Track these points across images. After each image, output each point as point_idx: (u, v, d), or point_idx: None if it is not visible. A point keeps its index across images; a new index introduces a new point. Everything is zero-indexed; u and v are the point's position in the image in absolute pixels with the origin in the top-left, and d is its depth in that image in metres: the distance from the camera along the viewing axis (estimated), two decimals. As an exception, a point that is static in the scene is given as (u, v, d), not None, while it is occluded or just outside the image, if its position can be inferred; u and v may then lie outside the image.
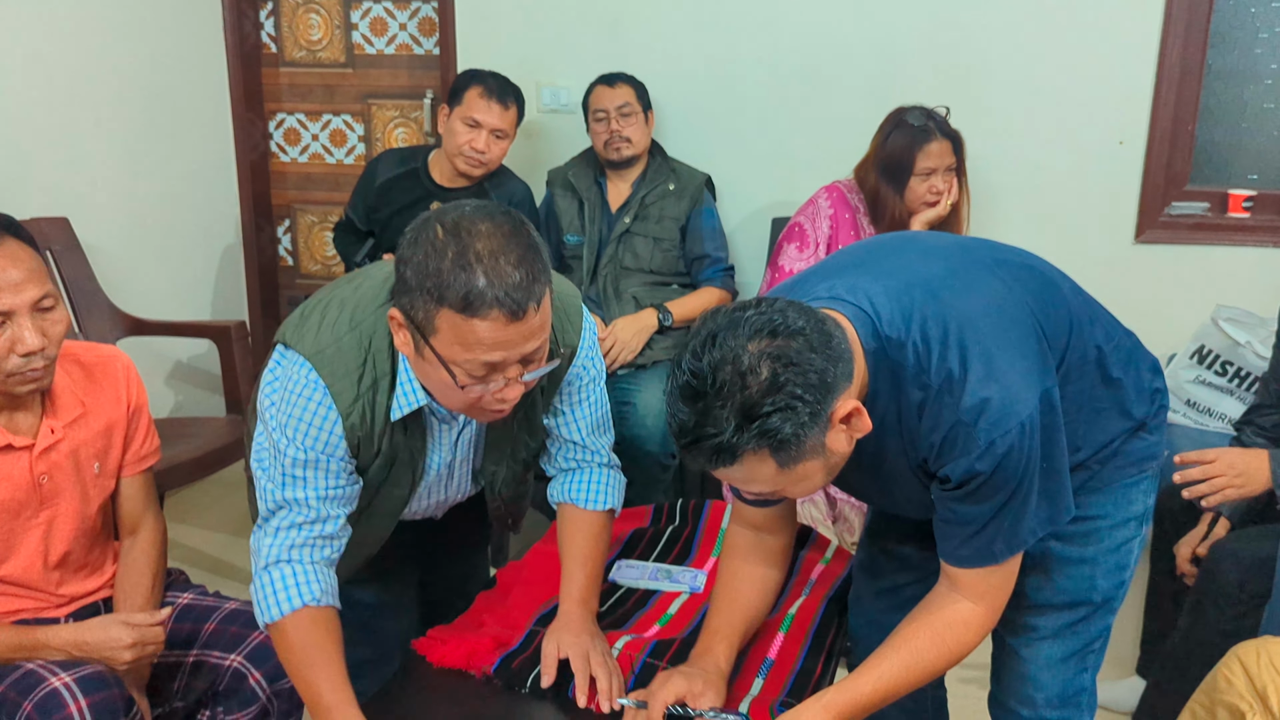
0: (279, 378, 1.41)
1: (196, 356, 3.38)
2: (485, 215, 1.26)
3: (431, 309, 1.23)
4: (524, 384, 1.32)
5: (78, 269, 2.77)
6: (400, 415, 1.41)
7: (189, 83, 3.30)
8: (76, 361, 1.67)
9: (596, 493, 1.63)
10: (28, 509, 1.59)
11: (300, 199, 3.65)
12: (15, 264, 1.47)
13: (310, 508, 1.42)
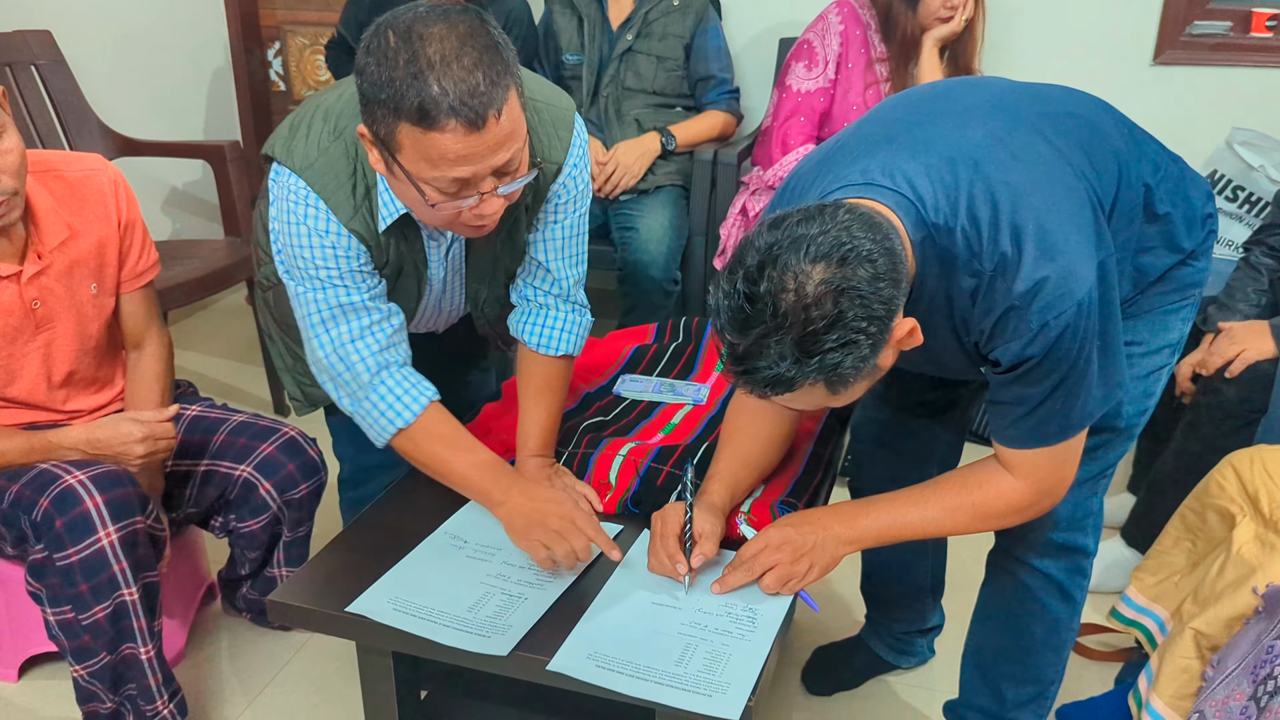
0: (277, 198, 1.37)
1: (191, 182, 3.32)
2: (440, 16, 1.17)
3: (391, 123, 1.17)
4: (501, 197, 1.26)
5: (64, 84, 2.68)
6: (386, 225, 1.38)
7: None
8: (60, 178, 1.61)
9: (554, 337, 1.56)
10: (24, 334, 1.58)
11: (290, 20, 3.51)
12: None
13: (367, 308, 1.40)
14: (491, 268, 1.56)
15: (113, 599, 1.49)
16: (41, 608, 1.52)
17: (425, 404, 1.42)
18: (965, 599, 1.65)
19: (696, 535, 1.31)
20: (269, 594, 1.84)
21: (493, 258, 1.54)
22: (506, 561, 1.36)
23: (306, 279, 1.39)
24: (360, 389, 1.41)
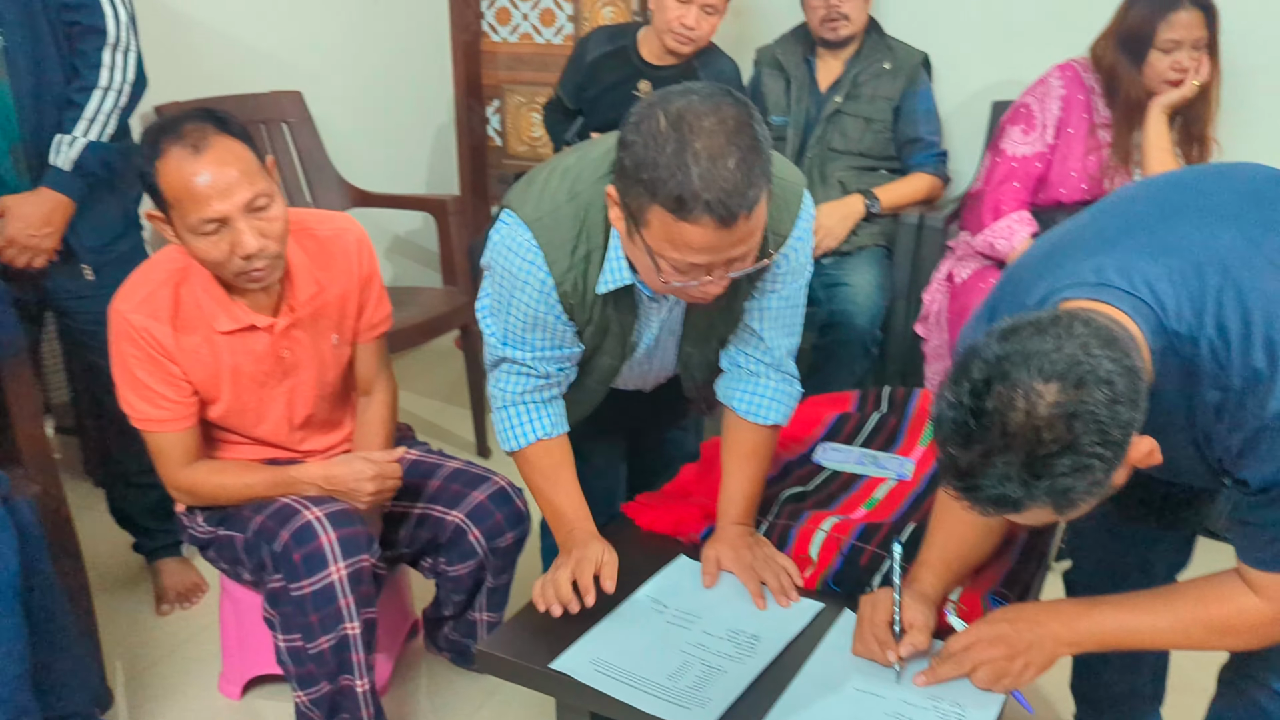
0: (501, 239, 1.45)
1: (413, 230, 3.54)
2: (713, 108, 1.20)
3: (644, 201, 1.22)
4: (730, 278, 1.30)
5: (310, 141, 2.92)
6: (606, 290, 1.43)
7: (408, -39, 3.38)
8: (312, 236, 1.73)
9: (763, 405, 1.56)
10: (272, 379, 1.72)
11: (510, 79, 3.70)
12: (226, 164, 1.49)
13: (530, 366, 1.49)
14: (707, 332, 1.59)
15: (337, 632, 1.59)
16: (274, 633, 1.64)
17: (528, 442, 1.52)
18: (1188, 706, 1.54)
19: (906, 625, 1.28)
20: (469, 637, 1.94)
21: (709, 322, 1.57)
22: (706, 631, 1.37)
23: (497, 323, 1.48)
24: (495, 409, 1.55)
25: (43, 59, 1.91)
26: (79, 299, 2.08)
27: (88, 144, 1.95)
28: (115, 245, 2.10)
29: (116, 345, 1.61)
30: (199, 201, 1.46)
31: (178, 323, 1.60)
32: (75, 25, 1.94)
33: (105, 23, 1.95)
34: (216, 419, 1.72)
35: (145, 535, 2.31)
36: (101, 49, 1.96)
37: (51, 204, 1.94)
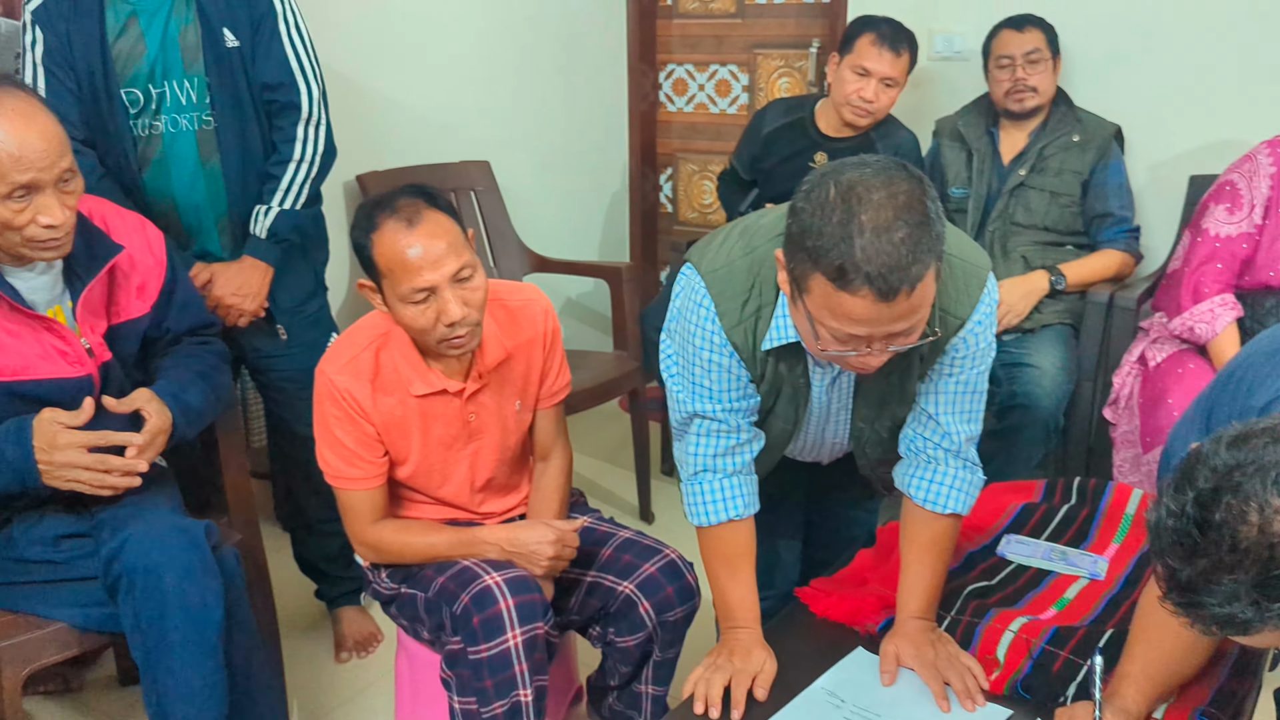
0: (680, 291, 1.51)
1: (584, 293, 3.63)
2: (884, 181, 1.21)
3: (807, 268, 1.23)
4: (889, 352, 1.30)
5: (495, 208, 3.05)
6: (770, 347, 1.45)
7: (593, 36, 3.50)
8: (503, 306, 1.79)
9: (943, 493, 1.52)
10: (458, 442, 1.78)
11: (683, 148, 3.77)
12: (437, 237, 1.56)
13: (719, 419, 1.52)
14: (878, 409, 1.57)
15: (511, 698, 1.61)
16: (449, 694, 1.68)
17: (716, 520, 1.54)
18: None
19: (1108, 743, 1.21)
20: (634, 709, 1.93)
21: (880, 399, 1.55)
22: (886, 729, 1.32)
23: (682, 378, 1.52)
24: (685, 478, 1.57)
25: (247, 138, 2.07)
26: (271, 358, 2.22)
27: (281, 211, 2.09)
28: (305, 306, 2.24)
29: (320, 405, 1.71)
30: (411, 272, 1.54)
31: (377, 384, 1.69)
32: (274, 103, 2.09)
33: (300, 99, 2.09)
34: (404, 479, 1.79)
35: (326, 582, 2.42)
36: (296, 124, 2.10)
37: (252, 270, 2.08)
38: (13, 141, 1.49)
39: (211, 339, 1.92)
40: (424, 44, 2.96)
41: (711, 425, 1.52)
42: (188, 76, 1.99)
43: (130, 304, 1.77)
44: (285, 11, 2.06)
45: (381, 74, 2.85)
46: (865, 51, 2.61)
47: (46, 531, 1.64)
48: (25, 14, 1.95)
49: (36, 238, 1.55)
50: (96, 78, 1.94)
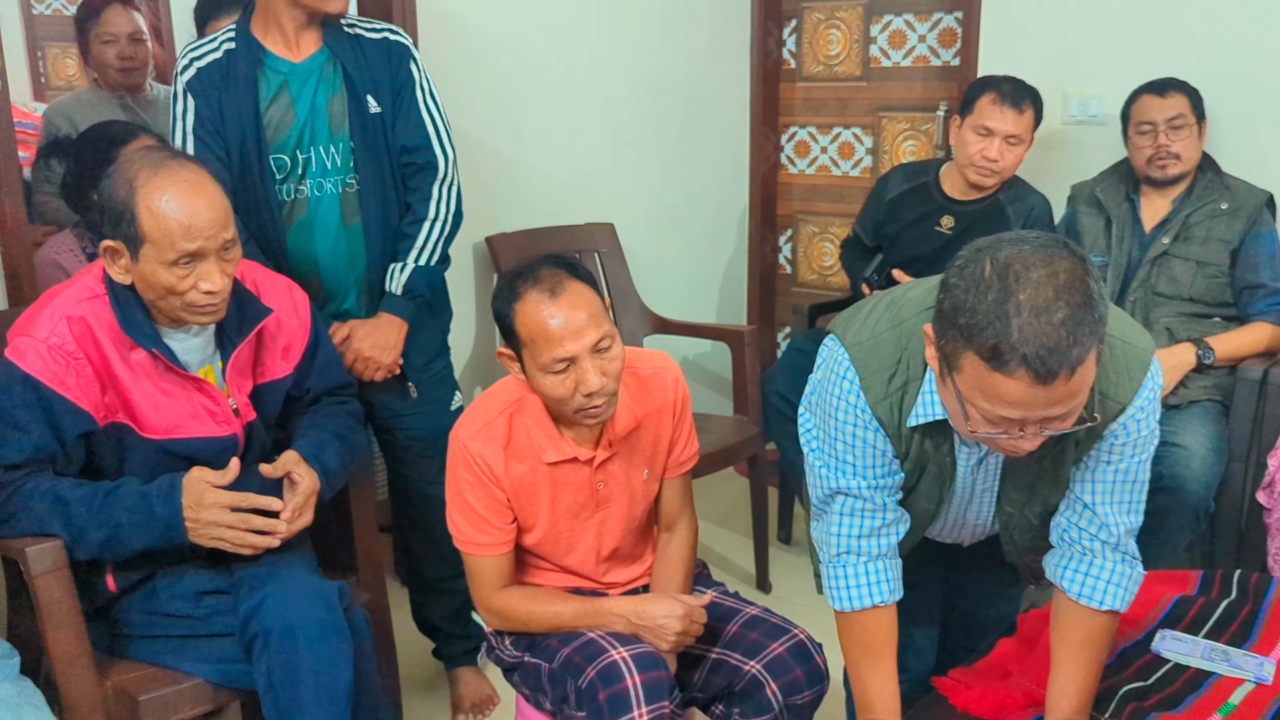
0: (823, 363, 1.48)
1: (702, 354, 3.61)
2: (1044, 259, 1.17)
3: (959, 346, 1.19)
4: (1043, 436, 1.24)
5: (618, 270, 3.07)
6: (915, 424, 1.40)
7: (716, 99, 3.52)
8: (634, 374, 1.78)
9: (1099, 588, 1.44)
10: (586, 511, 1.76)
11: (804, 210, 3.75)
12: (578, 308, 1.56)
13: (864, 497, 1.47)
14: (1028, 494, 1.50)
15: (633, 774, 1.57)
16: (572, 768, 1.65)
17: (859, 607, 1.50)
18: None
19: None
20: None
21: (1030, 483, 1.49)
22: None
23: (824, 452, 1.48)
24: (826, 559, 1.52)
25: (386, 200, 2.13)
26: (399, 416, 2.25)
27: (416, 268, 2.13)
28: (433, 365, 2.28)
29: (453, 469, 1.72)
30: (552, 342, 1.55)
31: (509, 450, 1.69)
32: (411, 165, 2.15)
33: (436, 161, 2.15)
34: (531, 545, 1.78)
35: (444, 641, 2.42)
36: (432, 184, 2.15)
37: (389, 325, 2.13)
38: (183, 212, 1.55)
39: (348, 399, 1.97)
40: (552, 108, 3.02)
41: (856, 504, 1.48)
42: (333, 141, 2.06)
43: (275, 365, 1.82)
44: (421, 79, 2.13)
45: (511, 138, 2.92)
46: (987, 111, 2.57)
47: (188, 587, 1.69)
48: (178, 84, 2.04)
49: (196, 303, 1.61)
50: (247, 144, 2.02)
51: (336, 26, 2.06)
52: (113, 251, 1.60)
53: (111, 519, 1.58)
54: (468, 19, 2.76)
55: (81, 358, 1.60)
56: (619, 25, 3.16)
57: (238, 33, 2.04)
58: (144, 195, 1.55)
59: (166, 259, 1.57)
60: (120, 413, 1.65)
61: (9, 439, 1.56)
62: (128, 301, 1.63)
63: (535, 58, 2.94)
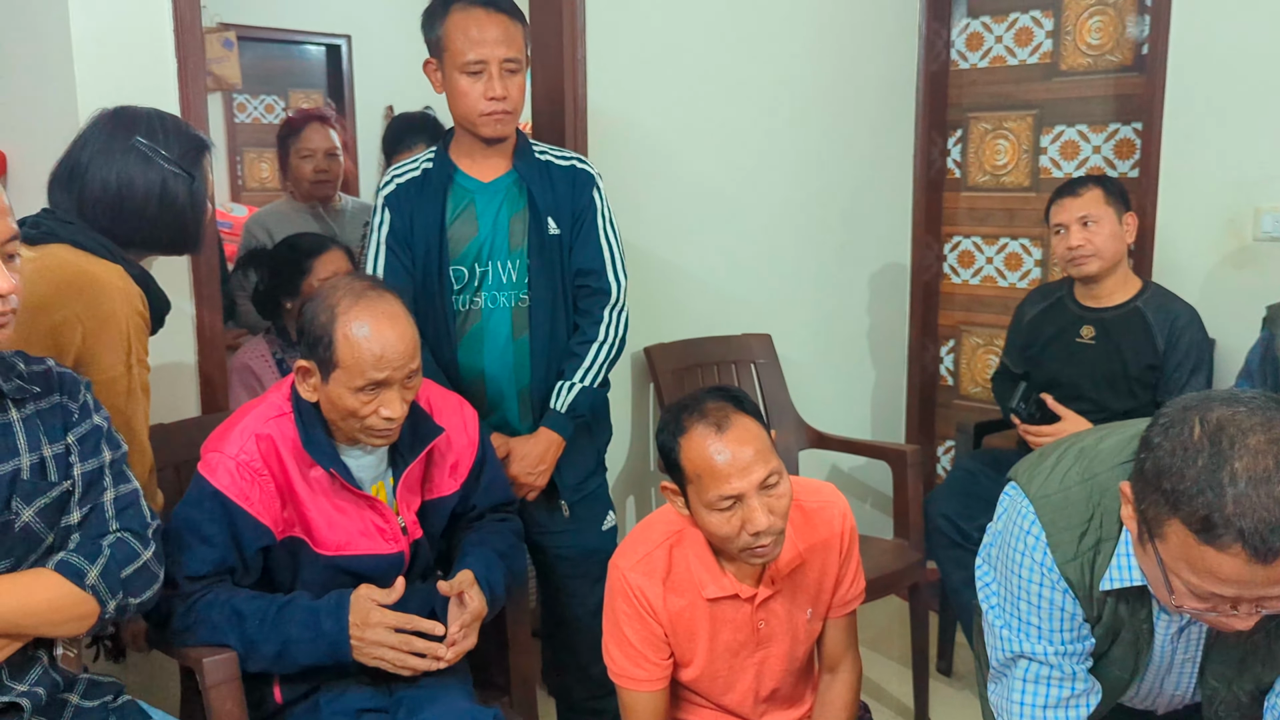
0: (1004, 512, 1.39)
1: (858, 469, 3.51)
2: (1262, 422, 1.07)
3: (1163, 512, 1.10)
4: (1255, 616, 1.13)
5: (774, 382, 3.04)
6: (1110, 587, 1.30)
7: (877, 207, 3.49)
8: (799, 506, 1.72)
9: None
10: (746, 649, 1.71)
11: (967, 320, 3.64)
12: (745, 443, 1.53)
13: (1050, 664, 1.37)
14: (1237, 669, 1.37)
15: None
16: None
17: None
18: None
19: None
20: None
21: (1240, 658, 1.35)
22: None
23: (1005, 611, 1.38)
24: None
25: (555, 317, 2.16)
26: (551, 533, 2.26)
27: (582, 389, 2.15)
28: (587, 484, 2.28)
29: (610, 599, 1.69)
30: (719, 479, 1.52)
31: (669, 584, 1.66)
32: (584, 287, 2.19)
33: (610, 286, 2.18)
34: (687, 681, 1.73)
35: (591, 759, 2.37)
36: (604, 308, 2.18)
37: (547, 443, 2.14)
38: (377, 343, 1.62)
39: (511, 516, 1.98)
40: (713, 219, 3.04)
41: (1041, 670, 1.37)
42: (511, 257, 2.12)
43: (444, 482, 1.86)
44: (603, 208, 2.18)
45: (671, 248, 2.94)
46: (1054, 211, 2.66)
47: (349, 704, 1.70)
48: (379, 198, 2.16)
49: (374, 427, 1.66)
50: (431, 256, 2.10)
51: (528, 152, 2.15)
52: (305, 371, 1.68)
53: (282, 633, 1.61)
54: (635, 133, 2.83)
55: (266, 474, 1.67)
56: (783, 137, 3.18)
57: (436, 153, 2.15)
58: (343, 323, 1.62)
59: (354, 385, 1.62)
60: (297, 528, 1.71)
61: (196, 551, 1.63)
62: (311, 420, 1.69)
63: (698, 169, 2.98)
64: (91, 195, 1.73)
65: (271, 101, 5.91)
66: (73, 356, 1.67)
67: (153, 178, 1.75)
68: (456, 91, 2.04)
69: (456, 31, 2.02)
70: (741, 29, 3.04)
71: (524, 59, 2.06)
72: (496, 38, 2.01)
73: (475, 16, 2.01)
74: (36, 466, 1.42)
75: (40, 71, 2.11)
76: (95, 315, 1.67)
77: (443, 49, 2.05)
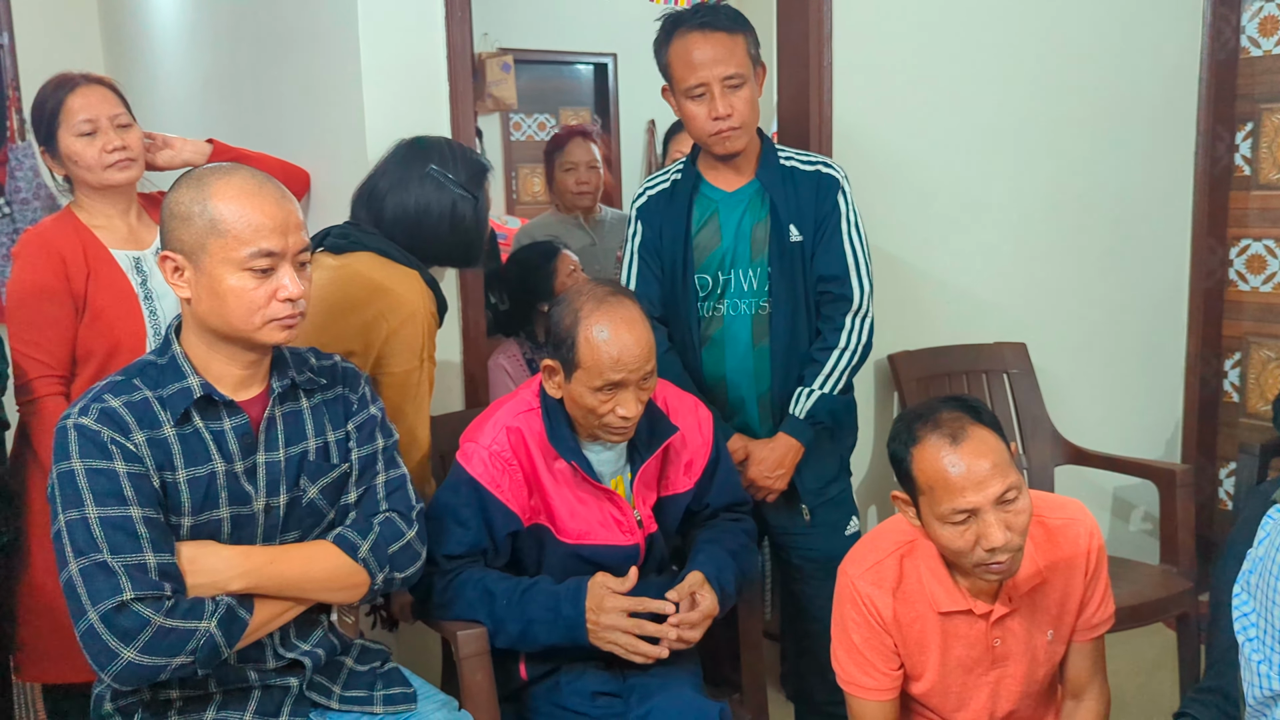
0: (1266, 537, 1.28)
1: (1123, 490, 3.28)
2: None
3: None
4: None
5: (1029, 394, 2.89)
6: None
7: (1150, 209, 3.24)
8: (1040, 522, 1.65)
9: None
10: (980, 667, 1.65)
11: (1257, 331, 3.31)
12: (982, 456, 1.48)
13: None
14: None
15: None
16: None
17: None
18: None
19: None
20: None
21: None
22: None
23: (1263, 644, 1.26)
24: None
25: (796, 324, 2.17)
26: (793, 535, 2.27)
27: (821, 395, 2.15)
28: (829, 489, 2.27)
29: (839, 606, 1.69)
30: (953, 492, 1.49)
31: (899, 595, 1.63)
32: (826, 294, 2.18)
33: (852, 292, 2.17)
34: (918, 695, 1.70)
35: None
36: (846, 314, 2.17)
37: (785, 448, 2.16)
38: (615, 346, 1.71)
39: (744, 516, 2.02)
40: (964, 224, 2.94)
41: None
42: (753, 266, 2.16)
43: (678, 479, 1.92)
44: (848, 212, 2.17)
45: (918, 253, 2.87)
46: None
47: (586, 685, 1.80)
48: (632, 209, 2.27)
49: (611, 425, 1.75)
50: (677, 265, 2.18)
51: (772, 160, 2.18)
52: (551, 369, 1.79)
53: (526, 614, 1.73)
54: (881, 138, 2.79)
55: (515, 464, 1.79)
56: (1045, 136, 3.02)
57: (685, 164, 2.23)
58: (585, 326, 1.73)
59: (593, 385, 1.72)
60: (542, 515, 1.82)
61: (453, 532, 1.78)
62: (556, 416, 1.81)
63: (949, 174, 2.89)
64: (391, 217, 1.98)
65: (544, 119, 6.27)
66: (377, 350, 1.91)
67: (444, 202, 1.97)
68: (686, 115, 2.12)
69: (676, 59, 2.09)
70: (1001, 24, 2.92)
71: (748, 70, 2.08)
72: (714, 57, 2.04)
73: (692, 40, 2.06)
74: (321, 449, 1.61)
75: (336, 99, 2.37)
76: (399, 314, 1.91)
77: (670, 76, 2.13)
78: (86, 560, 1.38)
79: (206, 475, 1.49)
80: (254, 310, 1.47)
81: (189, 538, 1.49)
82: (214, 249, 1.46)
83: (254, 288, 1.47)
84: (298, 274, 1.51)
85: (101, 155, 2.08)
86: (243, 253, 1.45)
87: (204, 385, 1.50)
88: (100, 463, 1.42)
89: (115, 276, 2.09)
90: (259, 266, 1.46)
